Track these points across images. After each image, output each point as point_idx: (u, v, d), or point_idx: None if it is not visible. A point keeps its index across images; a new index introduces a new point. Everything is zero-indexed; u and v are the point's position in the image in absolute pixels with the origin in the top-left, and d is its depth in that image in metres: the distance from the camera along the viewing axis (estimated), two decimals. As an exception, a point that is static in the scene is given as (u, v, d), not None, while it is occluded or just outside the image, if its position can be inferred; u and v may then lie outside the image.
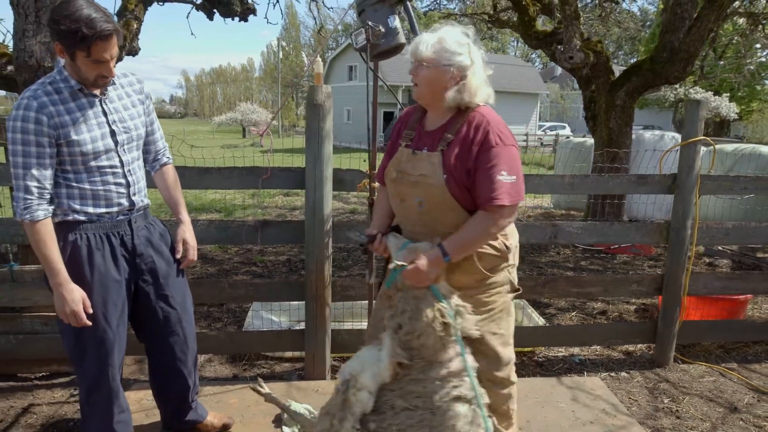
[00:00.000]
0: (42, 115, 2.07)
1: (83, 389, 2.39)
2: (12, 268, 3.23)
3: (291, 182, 3.28)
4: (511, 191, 2.00)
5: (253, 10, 5.94)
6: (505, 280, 2.24)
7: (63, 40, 2.03)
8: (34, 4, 3.42)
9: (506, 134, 2.05)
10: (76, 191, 2.21)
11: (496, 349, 2.24)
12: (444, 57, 2.01)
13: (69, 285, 2.12)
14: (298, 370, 3.61)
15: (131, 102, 2.37)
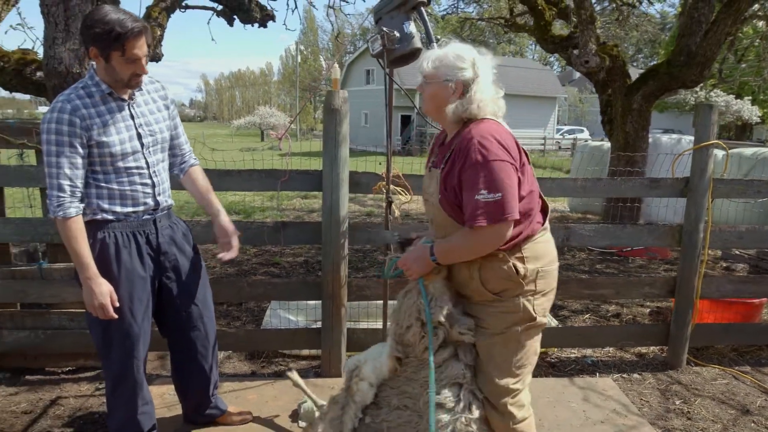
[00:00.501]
0: (75, 117, 2.19)
1: (109, 381, 2.50)
2: (41, 266, 3.37)
3: (308, 185, 3.38)
4: (490, 211, 1.89)
5: (272, 16, 6.07)
6: (517, 308, 2.06)
7: (98, 42, 2.16)
8: (64, 13, 3.56)
9: (492, 148, 1.90)
10: (105, 191, 2.32)
11: (491, 374, 2.13)
12: (443, 72, 2.02)
13: (98, 279, 2.24)
14: (314, 367, 3.69)
15: (156, 107, 2.48)
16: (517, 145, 2.03)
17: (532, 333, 2.14)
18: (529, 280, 2.05)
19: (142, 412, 2.56)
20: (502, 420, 2.14)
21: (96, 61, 2.23)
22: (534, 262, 2.05)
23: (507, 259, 2.02)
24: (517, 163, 1.97)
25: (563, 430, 3.01)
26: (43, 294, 3.37)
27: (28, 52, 4.66)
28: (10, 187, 3.42)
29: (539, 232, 2.09)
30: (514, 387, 2.13)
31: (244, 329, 4.27)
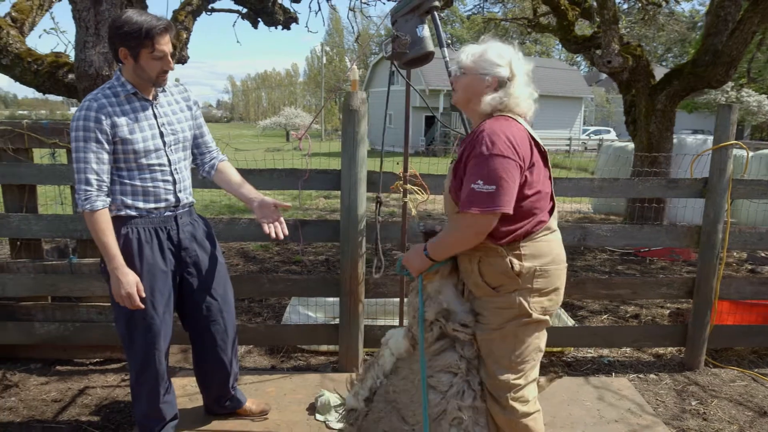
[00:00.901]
0: (101, 115, 2.30)
1: (133, 371, 2.61)
2: (71, 261, 3.50)
3: (328, 184, 3.46)
4: (481, 200, 1.95)
5: (295, 19, 6.18)
6: (512, 304, 2.10)
7: (128, 41, 2.27)
8: (94, 18, 3.70)
9: (498, 144, 1.96)
10: (128, 188, 2.43)
11: (491, 368, 2.19)
12: (481, 66, 2.08)
13: (125, 269, 2.34)
14: (332, 363, 3.77)
15: (179, 108, 2.59)
16: (532, 146, 2.07)
17: (531, 329, 2.17)
18: (526, 278, 2.08)
19: (164, 401, 2.67)
20: (505, 414, 2.19)
21: (125, 62, 2.34)
22: (532, 260, 2.08)
23: (505, 255, 2.07)
24: (524, 162, 2.00)
25: (576, 428, 3.03)
26: (73, 288, 3.50)
27: (60, 55, 4.83)
28: (42, 185, 3.56)
29: (542, 231, 2.11)
30: (515, 382, 2.17)
31: (265, 324, 4.37)
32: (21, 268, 3.51)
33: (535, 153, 2.08)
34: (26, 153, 3.43)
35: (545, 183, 2.14)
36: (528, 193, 2.04)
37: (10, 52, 4.63)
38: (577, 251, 7.19)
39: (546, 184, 2.14)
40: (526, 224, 2.07)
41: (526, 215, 2.06)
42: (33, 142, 3.39)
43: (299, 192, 3.73)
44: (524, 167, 2.00)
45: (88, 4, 3.68)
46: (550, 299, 2.16)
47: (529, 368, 2.20)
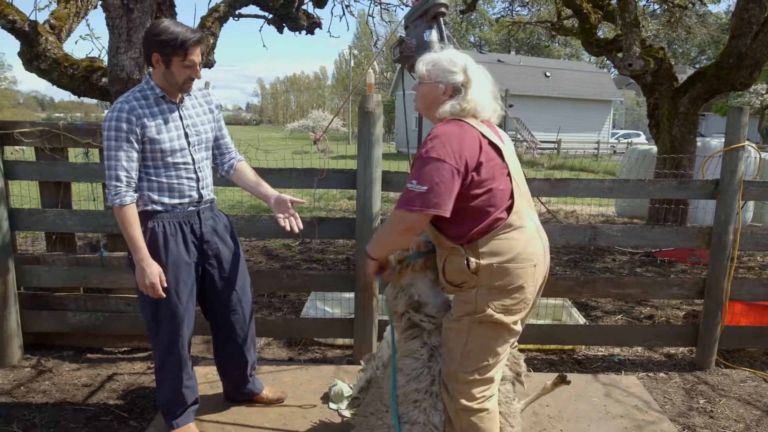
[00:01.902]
0: (131, 116, 2.48)
1: (158, 357, 2.78)
2: (102, 255, 3.71)
3: (344, 183, 3.60)
4: (411, 200, 2.03)
5: (319, 24, 6.34)
6: (470, 299, 2.15)
7: (163, 49, 2.45)
8: (126, 25, 3.91)
9: (435, 146, 2.03)
10: (155, 184, 2.60)
11: (443, 356, 2.29)
12: (435, 74, 2.17)
13: (149, 260, 2.52)
14: (347, 356, 3.91)
15: (203, 110, 2.76)
16: (482, 146, 2.09)
17: (489, 329, 2.17)
18: (483, 275, 2.11)
19: (186, 386, 2.84)
20: (449, 402, 2.27)
21: (156, 67, 2.52)
22: (490, 258, 2.10)
23: (464, 254, 2.12)
24: (464, 165, 2.04)
25: (582, 422, 3.11)
26: (103, 280, 3.71)
27: (95, 60, 5.07)
28: (76, 182, 3.77)
29: (502, 228, 2.11)
30: (462, 375, 2.21)
31: (283, 318, 4.53)
32: (56, 260, 3.73)
33: (485, 152, 2.09)
34: (62, 152, 3.65)
35: (501, 180, 2.13)
36: (477, 192, 2.08)
37: (48, 57, 4.88)
38: (597, 253, 7.21)
39: (502, 181, 2.14)
40: (480, 222, 2.10)
41: (479, 214, 2.10)
42: (68, 142, 3.60)
43: (318, 191, 3.88)
44: (464, 170, 2.04)
45: (121, 12, 3.88)
46: (513, 297, 2.14)
47: (481, 367, 2.21)
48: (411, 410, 2.37)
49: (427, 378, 2.34)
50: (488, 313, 2.13)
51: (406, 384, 2.37)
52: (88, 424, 3.07)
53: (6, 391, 3.38)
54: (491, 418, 2.29)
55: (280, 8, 5.92)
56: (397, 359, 2.46)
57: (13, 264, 3.63)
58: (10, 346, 3.68)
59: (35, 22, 4.79)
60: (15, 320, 3.68)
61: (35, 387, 3.44)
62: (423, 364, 2.36)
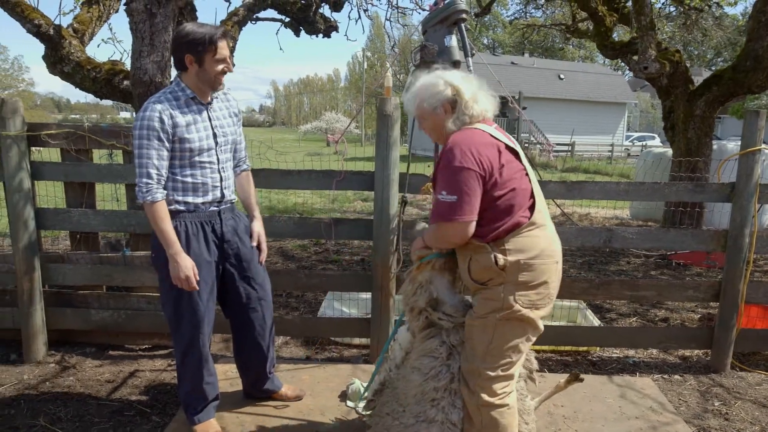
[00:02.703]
0: (164, 116, 2.56)
1: (179, 353, 2.85)
2: (125, 254, 3.79)
3: (362, 184, 3.66)
4: (445, 211, 2.13)
5: (336, 27, 6.42)
6: (497, 296, 2.22)
7: (194, 47, 2.55)
8: (149, 29, 4.00)
9: (458, 155, 2.11)
10: (179, 184, 2.67)
11: (466, 353, 2.34)
12: (428, 103, 2.24)
13: (183, 254, 2.59)
14: (364, 355, 3.96)
15: (228, 113, 2.85)
16: (500, 149, 2.18)
17: (514, 326, 2.25)
18: (511, 271, 2.19)
19: (207, 383, 2.90)
20: (470, 398, 2.32)
21: (189, 68, 2.60)
22: (516, 254, 2.18)
23: (490, 251, 2.19)
24: (488, 169, 2.13)
25: (596, 423, 3.13)
26: (126, 279, 3.79)
27: (117, 63, 5.17)
28: (100, 183, 3.86)
29: (526, 226, 2.20)
30: (485, 372, 2.27)
31: (301, 317, 4.59)
32: (80, 259, 3.82)
33: (504, 154, 2.20)
34: (87, 153, 3.74)
35: (521, 180, 2.23)
36: (501, 192, 2.16)
37: (71, 60, 4.98)
38: (611, 256, 7.21)
39: (522, 180, 2.23)
40: (507, 221, 2.18)
41: (505, 213, 2.18)
42: (93, 144, 3.69)
43: (335, 193, 3.95)
44: (488, 174, 2.13)
45: (144, 17, 3.97)
46: (538, 293, 2.23)
47: (504, 364, 2.28)
48: (428, 409, 2.41)
49: (446, 376, 2.38)
50: (515, 309, 2.21)
51: (423, 383, 2.40)
52: (112, 418, 3.14)
53: (32, 385, 3.47)
54: (511, 414, 2.36)
55: (298, 12, 6.00)
56: (413, 359, 2.50)
57: (39, 262, 3.73)
58: (36, 342, 3.77)
59: (59, 26, 4.90)
60: (40, 317, 3.77)
61: (60, 382, 3.52)
62: (442, 362, 2.40)
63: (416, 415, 2.44)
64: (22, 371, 3.65)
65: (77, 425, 3.07)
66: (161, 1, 3.98)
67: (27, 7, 4.79)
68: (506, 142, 2.24)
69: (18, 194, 3.59)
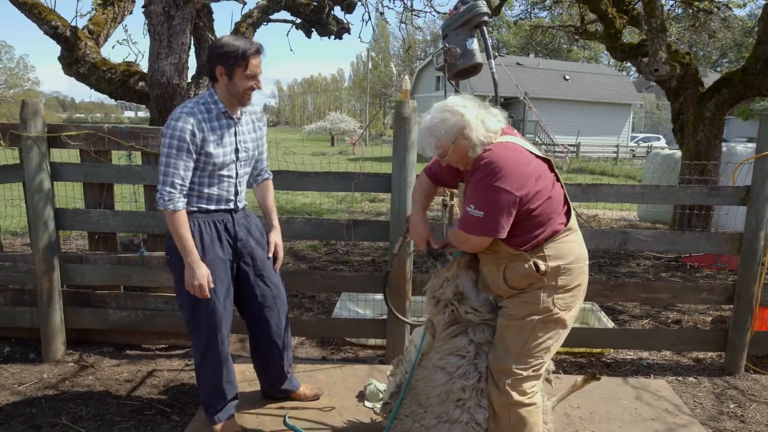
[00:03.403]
0: (195, 129, 2.58)
1: (198, 353, 2.88)
2: (143, 254, 3.82)
3: (379, 186, 3.68)
4: (470, 224, 2.19)
5: (348, 29, 6.45)
6: (536, 300, 2.28)
7: (226, 60, 2.56)
8: (167, 32, 4.04)
9: (501, 175, 2.11)
10: (196, 193, 2.72)
11: (499, 353, 2.37)
12: (447, 140, 2.23)
13: (200, 262, 2.62)
14: (379, 356, 3.99)
15: (252, 127, 2.87)
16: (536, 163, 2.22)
17: (550, 327, 2.33)
18: (551, 276, 2.26)
19: (226, 381, 2.93)
20: (499, 397, 2.36)
21: (220, 80, 2.61)
22: (555, 260, 2.26)
23: (528, 259, 2.25)
24: (524, 194, 2.14)
25: (613, 424, 3.16)
26: (144, 279, 3.83)
27: (131, 64, 5.22)
28: (119, 184, 3.90)
29: (562, 232, 2.28)
30: (517, 371, 2.33)
31: (316, 318, 4.62)
32: (98, 259, 3.86)
33: (539, 166, 2.23)
34: (106, 155, 3.77)
35: (555, 188, 2.28)
36: (537, 204, 2.20)
37: (87, 62, 5.04)
38: (621, 257, 7.22)
39: (555, 188, 2.29)
40: (545, 229, 2.24)
41: (543, 222, 2.24)
42: (112, 145, 3.72)
43: (342, 194, 3.98)
44: (525, 195, 2.15)
45: (162, 19, 4.02)
46: (573, 295, 2.34)
47: (535, 363, 2.36)
48: (452, 409, 2.43)
49: (474, 375, 2.40)
50: (553, 312, 2.30)
51: (449, 382, 2.42)
52: (133, 417, 3.17)
53: (52, 384, 3.51)
54: (538, 412, 2.42)
55: (311, 14, 6.04)
56: (437, 358, 2.52)
57: (58, 262, 3.76)
58: (54, 341, 3.81)
59: (76, 27, 4.95)
60: (59, 317, 3.81)
61: (79, 381, 3.56)
62: (469, 361, 2.42)
63: (438, 416, 2.47)
64: (42, 370, 3.69)
65: (99, 424, 3.10)
66: (179, 4, 4.02)
67: (44, 9, 4.85)
68: (537, 153, 2.28)
69: (38, 195, 3.63)
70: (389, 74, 66.22)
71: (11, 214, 6.85)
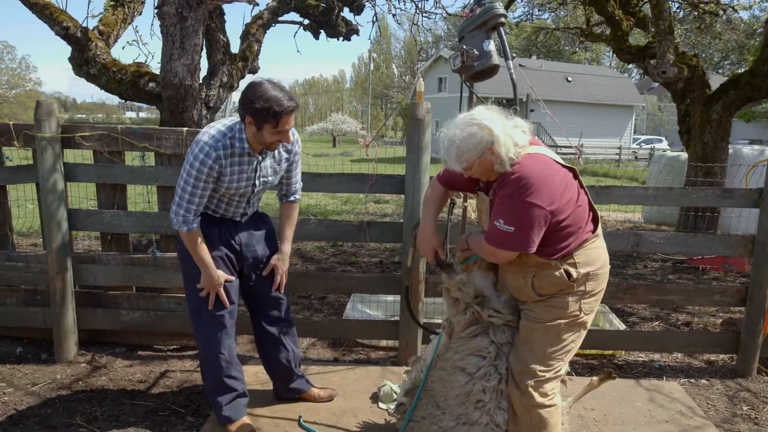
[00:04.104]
0: (216, 164, 2.58)
1: (200, 346, 2.92)
2: (155, 255, 3.83)
3: (392, 188, 3.68)
4: (499, 238, 2.17)
5: (357, 31, 6.46)
6: (564, 305, 2.31)
7: (256, 115, 2.49)
8: (180, 33, 4.05)
9: (532, 191, 2.09)
10: (206, 208, 2.76)
11: (523, 355, 2.38)
12: (473, 154, 2.17)
13: (217, 272, 2.71)
14: (391, 357, 3.99)
15: (279, 159, 2.85)
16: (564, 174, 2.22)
17: (574, 330, 2.36)
18: (580, 282, 2.29)
19: (227, 376, 2.92)
20: (521, 398, 2.37)
21: (248, 127, 2.57)
22: (585, 267, 2.29)
23: (559, 267, 2.26)
24: (555, 209, 2.13)
25: (628, 426, 3.16)
26: (156, 279, 3.83)
27: (142, 65, 5.23)
28: (132, 185, 3.90)
29: (591, 239, 2.30)
30: (540, 373, 2.35)
31: (328, 319, 4.62)
32: (111, 259, 3.86)
33: (564, 178, 2.23)
34: (119, 155, 3.78)
35: (581, 196, 2.30)
36: (567, 213, 2.20)
37: (97, 62, 5.04)
38: (628, 259, 7.22)
39: (581, 196, 2.30)
40: (576, 239, 2.26)
41: (573, 232, 2.25)
42: (126, 146, 3.72)
43: (346, 195, 3.99)
44: (556, 209, 2.14)
45: (175, 21, 4.02)
46: (597, 299, 2.39)
47: (557, 365, 2.38)
48: (472, 411, 2.43)
49: (495, 377, 2.41)
50: (579, 316, 2.34)
51: (469, 383, 2.43)
52: (147, 418, 3.18)
53: (65, 385, 3.51)
54: (558, 413, 2.45)
55: (320, 15, 6.04)
56: (456, 359, 2.52)
57: (71, 263, 3.77)
58: (67, 342, 3.81)
59: (87, 28, 4.95)
60: (72, 317, 3.82)
61: (92, 382, 3.56)
62: (490, 362, 2.43)
63: (457, 418, 2.47)
64: (55, 371, 3.69)
65: (114, 425, 3.11)
66: (192, 5, 4.03)
67: (55, 10, 4.85)
68: (562, 162, 2.28)
69: (52, 195, 3.63)
70: (390, 75, 66.26)
71: (17, 214, 6.84)
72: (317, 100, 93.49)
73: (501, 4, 2.97)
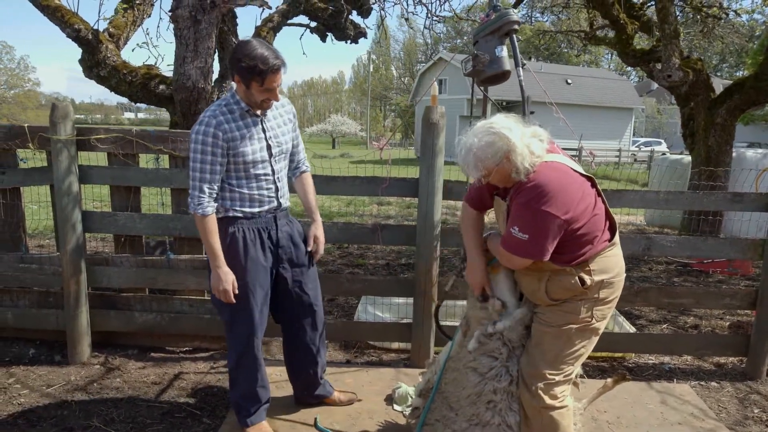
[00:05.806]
0: (219, 131, 2.59)
1: (233, 356, 2.90)
2: (169, 257, 3.84)
3: (406, 191, 3.70)
4: (513, 245, 2.21)
5: (365, 34, 6.48)
6: (576, 310, 2.32)
7: (243, 74, 2.54)
8: (194, 36, 4.06)
9: (538, 196, 2.11)
10: (237, 194, 2.73)
11: (534, 358, 2.40)
12: (491, 162, 2.16)
13: (225, 268, 2.67)
14: (403, 360, 4.01)
15: (283, 121, 2.88)
16: (581, 182, 2.23)
17: (586, 335, 2.38)
18: (594, 290, 2.31)
19: (260, 386, 2.95)
20: (531, 400, 2.40)
21: (238, 85, 2.62)
22: (600, 275, 2.30)
23: (574, 273, 2.28)
24: (571, 218, 2.14)
25: (641, 428, 3.18)
26: (170, 282, 3.84)
27: (152, 67, 5.24)
28: (146, 187, 3.92)
29: (608, 247, 2.32)
30: (550, 376, 2.37)
31: (341, 321, 4.64)
32: (124, 261, 3.87)
33: (580, 185, 2.23)
34: (134, 158, 3.79)
35: (598, 204, 2.31)
36: (584, 222, 2.21)
37: (108, 64, 5.06)
38: (632, 261, 7.25)
39: (598, 204, 2.31)
40: (592, 247, 2.27)
41: (589, 240, 2.26)
42: (140, 148, 3.74)
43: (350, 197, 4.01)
44: (572, 218, 2.15)
45: (189, 24, 4.04)
46: (610, 306, 2.41)
47: (567, 371, 2.41)
48: (484, 412, 2.46)
49: (506, 378, 2.44)
50: (591, 322, 2.34)
51: (480, 383, 2.45)
52: (164, 420, 3.19)
53: (80, 386, 3.53)
54: (569, 415, 2.47)
55: (329, 18, 6.07)
56: (470, 359, 2.54)
57: (85, 265, 3.78)
58: (81, 343, 3.83)
59: (97, 30, 4.97)
60: (85, 319, 3.83)
61: (107, 384, 3.57)
62: (502, 363, 2.45)
63: (469, 419, 2.49)
64: (69, 372, 3.70)
65: (131, 426, 3.12)
66: (206, 8, 4.05)
67: (67, 12, 4.87)
68: (580, 170, 2.29)
69: (67, 197, 3.65)
70: (390, 77, 66.30)
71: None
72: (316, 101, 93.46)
73: (515, 11, 3.00)
